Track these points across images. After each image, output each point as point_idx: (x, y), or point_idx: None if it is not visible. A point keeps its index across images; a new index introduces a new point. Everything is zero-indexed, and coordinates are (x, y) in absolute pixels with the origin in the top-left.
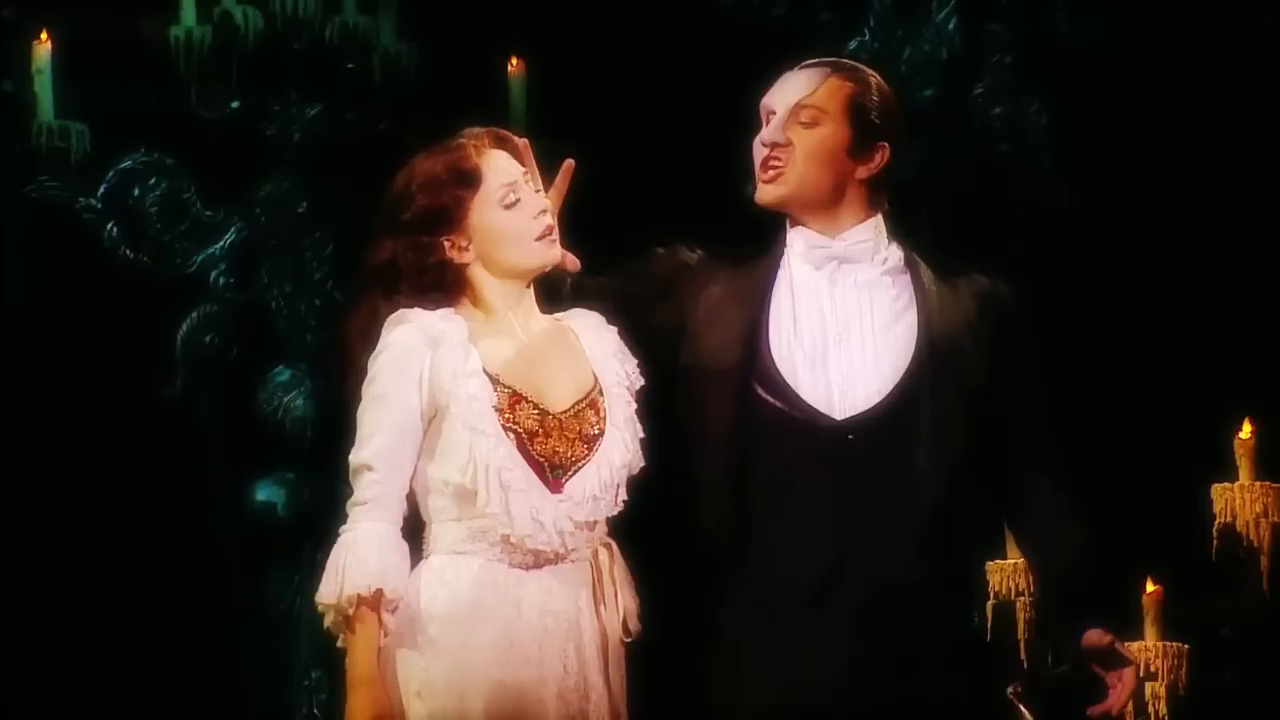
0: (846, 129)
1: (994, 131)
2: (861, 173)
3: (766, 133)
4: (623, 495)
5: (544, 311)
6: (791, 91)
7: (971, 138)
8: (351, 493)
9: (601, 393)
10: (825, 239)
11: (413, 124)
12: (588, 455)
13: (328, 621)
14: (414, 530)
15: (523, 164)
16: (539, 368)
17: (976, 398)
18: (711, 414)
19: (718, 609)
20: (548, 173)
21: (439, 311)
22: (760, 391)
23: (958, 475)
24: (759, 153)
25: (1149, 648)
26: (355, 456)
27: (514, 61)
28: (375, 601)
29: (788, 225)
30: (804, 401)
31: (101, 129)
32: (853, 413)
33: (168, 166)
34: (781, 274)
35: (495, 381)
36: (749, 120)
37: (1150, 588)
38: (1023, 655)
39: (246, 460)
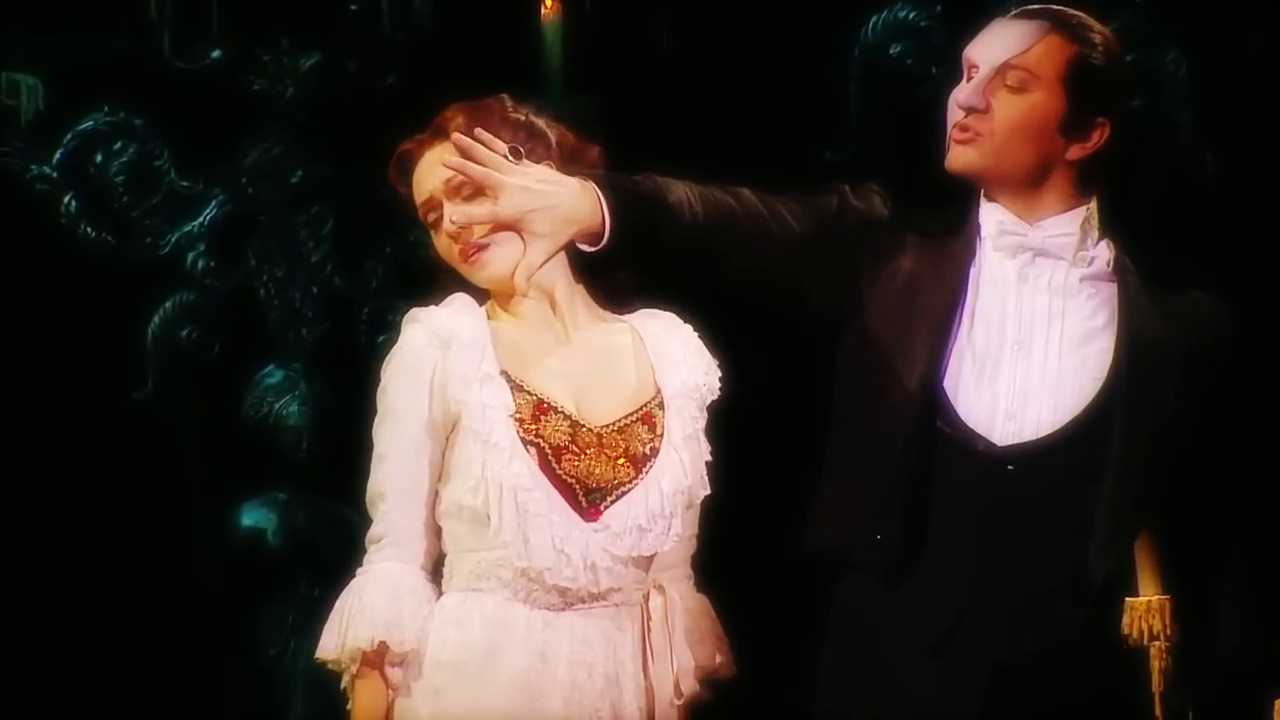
0: (1061, 99)
1: None
2: (1074, 152)
3: (963, 93)
4: (676, 528)
5: (611, 310)
6: (1000, 46)
7: None
8: (369, 525)
9: (661, 405)
10: (1021, 224)
11: (428, 77)
12: (634, 478)
13: (344, 682)
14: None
15: (470, 157)
16: (579, 373)
17: (1171, 447)
18: (881, 415)
19: (821, 644)
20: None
21: (455, 305)
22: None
23: (1131, 533)
24: (953, 114)
25: None
26: (370, 483)
27: (548, 3)
28: (378, 656)
29: (980, 199)
30: (959, 418)
31: (57, 83)
32: (1017, 440)
33: (136, 128)
34: (975, 260)
35: (516, 387)
36: (809, 76)
37: None
38: (1158, 711)
39: (230, 478)
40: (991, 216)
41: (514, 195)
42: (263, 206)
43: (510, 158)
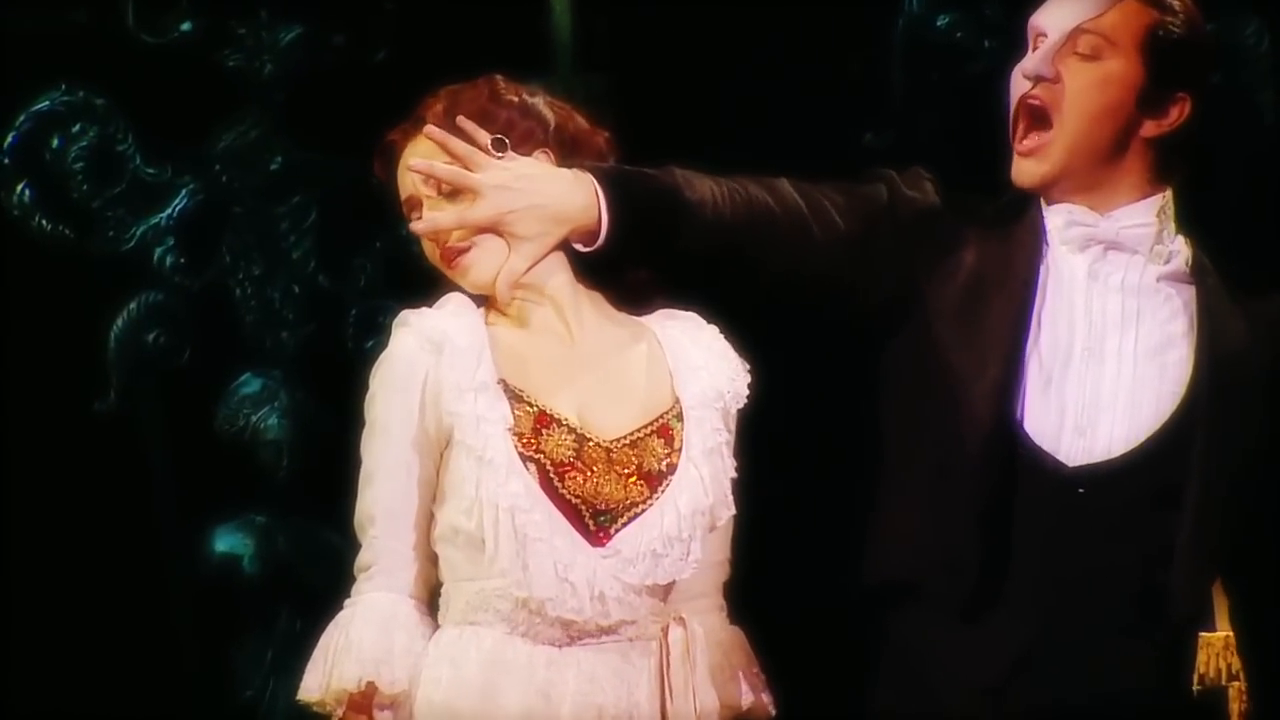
0: (1138, 69)
1: None
2: (1150, 129)
3: (1030, 62)
4: (696, 553)
5: (628, 312)
6: (1070, 11)
7: None
8: (357, 552)
9: (679, 416)
10: (1091, 214)
11: (423, 52)
12: (648, 498)
13: None
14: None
15: (449, 151)
16: (586, 382)
17: (1256, 470)
18: (949, 432)
19: (869, 682)
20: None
21: (449, 306)
22: None
23: (1214, 566)
24: (1018, 87)
25: None
26: (357, 504)
27: None
28: (366, 698)
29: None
30: (1024, 433)
31: (8, 59)
32: (1087, 458)
33: (97, 108)
34: (1045, 255)
35: (516, 397)
36: (847, 51)
37: None
38: None
39: (202, 499)
40: (1059, 209)
41: (489, 196)
42: (238, 196)
43: (493, 150)
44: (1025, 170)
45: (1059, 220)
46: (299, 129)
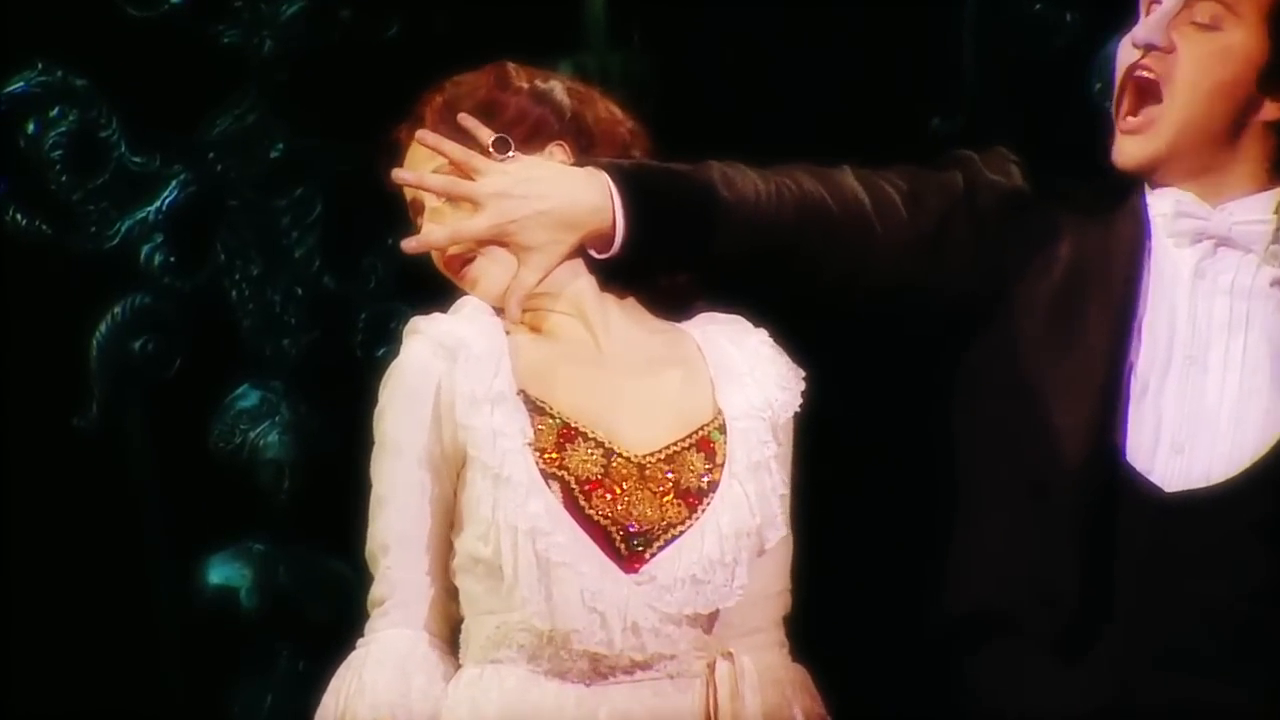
0: (1262, 42)
1: None
2: (1271, 111)
3: (1141, 29)
4: (741, 579)
5: (664, 315)
6: None
7: None
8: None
9: (722, 428)
10: (1202, 205)
11: (436, 27)
12: (687, 518)
13: None
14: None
15: (446, 155)
16: (615, 392)
17: None
18: (1045, 449)
19: None
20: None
21: (465, 310)
22: None
23: None
24: (1126, 57)
25: None
26: (369, 532)
27: None
28: None
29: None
30: (1115, 451)
31: None
32: (1184, 480)
33: (78, 90)
34: (1148, 247)
35: (538, 409)
36: (912, 26)
37: None
38: None
39: (196, 524)
40: (1166, 193)
41: (488, 206)
42: (234, 188)
43: (495, 151)
44: (1129, 149)
45: (1166, 209)
46: (302, 113)
